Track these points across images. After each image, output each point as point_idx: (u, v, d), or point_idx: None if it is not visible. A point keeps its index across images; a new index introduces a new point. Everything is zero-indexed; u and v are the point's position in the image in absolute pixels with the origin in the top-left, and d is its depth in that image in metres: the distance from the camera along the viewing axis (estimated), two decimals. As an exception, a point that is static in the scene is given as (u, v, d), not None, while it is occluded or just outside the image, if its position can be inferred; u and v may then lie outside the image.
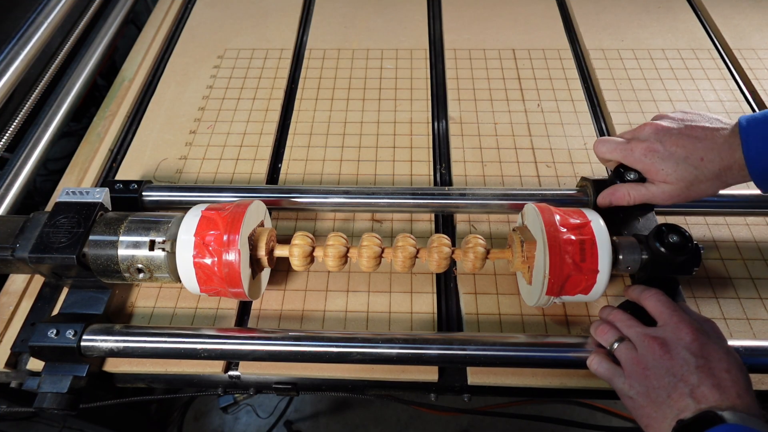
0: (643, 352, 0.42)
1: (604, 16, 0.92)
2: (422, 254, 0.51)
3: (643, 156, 0.50)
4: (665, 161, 0.48)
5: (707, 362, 0.39)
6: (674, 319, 0.43)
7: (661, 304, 0.45)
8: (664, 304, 0.45)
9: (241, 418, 1.35)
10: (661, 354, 0.41)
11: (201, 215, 0.49)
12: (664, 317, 0.44)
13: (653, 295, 0.46)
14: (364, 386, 0.54)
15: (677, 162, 0.48)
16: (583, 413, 1.15)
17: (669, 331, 0.42)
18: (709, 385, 0.38)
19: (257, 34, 0.90)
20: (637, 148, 0.50)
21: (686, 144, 0.48)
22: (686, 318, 0.43)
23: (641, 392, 0.41)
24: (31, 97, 0.77)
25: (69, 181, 0.69)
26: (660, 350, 0.41)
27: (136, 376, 0.53)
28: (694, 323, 0.42)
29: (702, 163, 0.47)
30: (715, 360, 0.40)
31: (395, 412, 1.34)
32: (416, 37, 0.89)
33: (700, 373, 0.39)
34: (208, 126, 0.75)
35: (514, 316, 0.55)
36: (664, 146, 0.49)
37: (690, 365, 0.39)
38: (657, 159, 0.49)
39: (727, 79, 0.79)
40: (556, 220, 0.47)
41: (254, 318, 0.56)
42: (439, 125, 0.75)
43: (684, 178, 0.48)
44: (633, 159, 0.51)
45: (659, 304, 0.45)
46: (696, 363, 0.39)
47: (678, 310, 0.44)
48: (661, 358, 0.41)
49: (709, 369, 0.39)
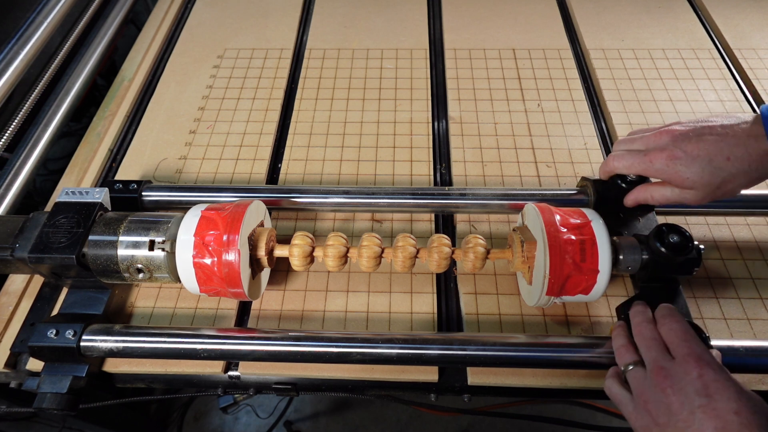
0: (650, 384, 0.39)
1: (604, 16, 0.92)
2: (422, 254, 0.51)
3: (665, 166, 0.47)
4: (689, 167, 0.46)
5: (712, 402, 0.35)
6: (683, 350, 0.39)
7: (673, 332, 0.41)
8: (676, 333, 0.41)
9: (240, 419, 1.35)
10: (662, 388, 0.38)
11: (201, 215, 0.49)
12: (673, 346, 0.41)
13: (667, 323, 0.43)
14: (364, 386, 0.54)
15: (702, 166, 0.45)
16: (584, 413, 1.15)
17: (677, 364, 0.39)
18: (711, 429, 0.34)
19: (257, 33, 0.90)
20: (657, 158, 0.47)
21: (708, 146, 0.45)
22: (696, 350, 0.39)
23: (643, 426, 0.38)
24: (31, 96, 0.77)
25: (69, 181, 0.69)
26: (663, 384, 0.38)
27: (135, 377, 0.53)
28: (705, 356, 0.38)
29: (728, 162, 0.44)
30: (722, 400, 0.35)
31: (395, 412, 1.34)
32: (416, 36, 0.89)
33: (701, 413, 0.35)
34: (208, 126, 0.75)
35: (514, 316, 0.55)
36: (686, 152, 0.46)
37: (692, 404, 0.36)
38: (680, 166, 0.46)
39: (727, 78, 0.79)
40: (557, 220, 0.47)
41: (254, 318, 0.55)
42: (439, 125, 0.75)
43: (711, 182, 0.45)
44: (654, 170, 0.48)
45: (671, 333, 0.42)
46: (699, 402, 0.36)
47: (690, 339, 0.40)
48: (662, 392, 0.38)
49: (713, 410, 0.35)
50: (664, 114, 0.74)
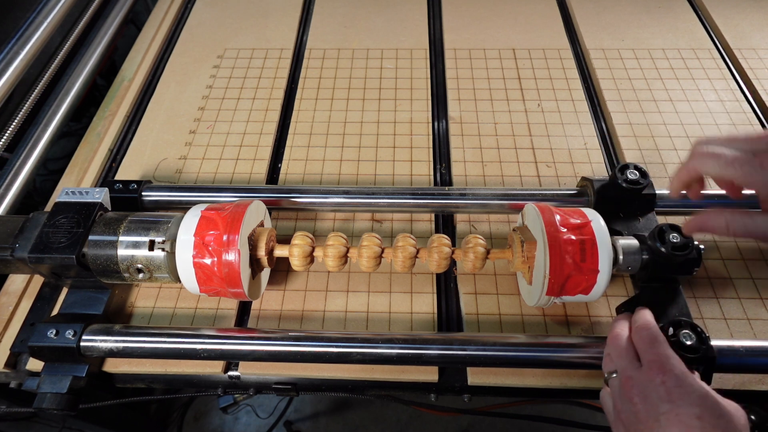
0: (620, 392, 0.39)
1: (604, 16, 0.92)
2: (422, 254, 0.51)
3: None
4: None
5: (674, 407, 0.35)
6: (648, 357, 0.39)
7: (642, 339, 0.41)
8: (643, 339, 0.41)
9: (240, 419, 1.35)
10: (630, 397, 0.38)
11: (200, 215, 0.49)
12: (642, 353, 0.40)
13: (637, 329, 0.42)
14: (364, 386, 0.54)
15: None
16: (584, 414, 1.15)
17: (643, 371, 0.38)
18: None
19: (257, 33, 0.90)
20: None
21: None
22: (660, 356, 0.38)
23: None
24: (31, 96, 0.77)
25: (68, 181, 0.69)
26: (630, 392, 0.38)
27: (135, 377, 0.53)
28: (668, 362, 0.38)
29: None
30: (684, 405, 0.35)
31: (395, 412, 1.34)
32: (416, 36, 0.89)
33: (665, 420, 0.35)
34: (208, 126, 0.75)
35: (514, 316, 0.55)
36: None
37: (656, 411, 0.35)
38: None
39: (727, 78, 0.79)
40: (557, 220, 0.47)
41: (254, 318, 0.55)
42: (439, 125, 0.75)
43: None
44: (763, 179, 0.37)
45: (640, 340, 0.41)
46: (662, 409, 0.35)
47: (657, 345, 0.39)
48: (630, 401, 0.37)
49: (677, 416, 0.34)
50: (664, 114, 0.74)
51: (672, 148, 0.70)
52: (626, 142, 0.70)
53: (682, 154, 0.69)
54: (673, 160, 0.68)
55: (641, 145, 0.70)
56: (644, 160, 0.68)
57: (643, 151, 0.69)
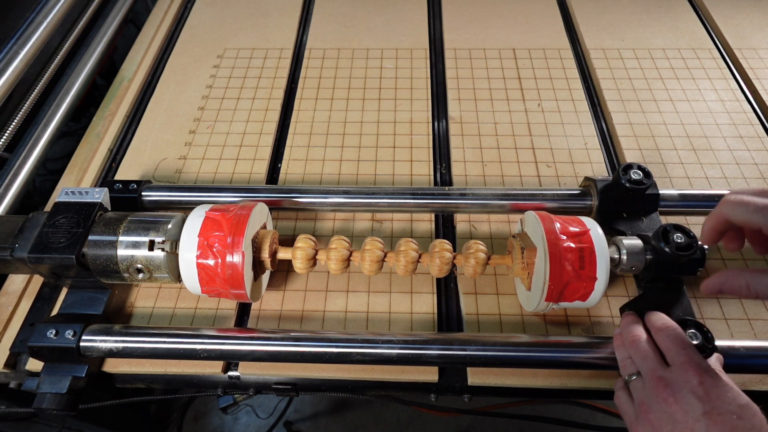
0: (649, 394, 0.39)
1: (604, 16, 0.92)
2: (424, 259, 0.51)
3: None
4: None
5: (716, 408, 0.35)
6: (681, 359, 0.39)
7: (670, 340, 0.41)
8: (673, 340, 0.41)
9: (240, 419, 1.34)
10: (664, 398, 0.37)
11: (205, 216, 0.49)
12: (671, 354, 0.40)
13: (662, 330, 0.42)
14: (364, 387, 0.53)
15: None
16: (584, 414, 1.15)
17: (676, 372, 0.38)
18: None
19: (257, 33, 0.90)
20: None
21: None
22: (695, 358, 0.39)
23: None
24: (30, 96, 0.77)
25: (68, 181, 0.69)
26: (663, 393, 0.38)
27: (135, 377, 0.53)
28: (703, 363, 0.38)
29: None
30: (725, 405, 0.35)
31: (395, 412, 1.34)
32: (416, 36, 0.89)
33: (706, 420, 0.35)
34: (208, 126, 0.75)
35: (514, 316, 0.55)
36: None
37: (696, 411, 0.35)
38: None
39: (728, 78, 0.79)
40: (557, 228, 0.47)
41: (254, 318, 0.55)
42: (439, 125, 0.75)
43: None
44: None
45: (667, 340, 0.41)
46: (703, 409, 0.35)
47: (687, 347, 0.40)
48: (664, 402, 0.37)
49: (719, 416, 0.35)
50: (664, 114, 0.74)
51: (672, 148, 0.70)
52: (626, 142, 0.70)
53: (682, 154, 0.69)
54: (673, 160, 0.68)
55: (641, 145, 0.70)
56: (644, 160, 0.68)
57: (644, 151, 0.69)
